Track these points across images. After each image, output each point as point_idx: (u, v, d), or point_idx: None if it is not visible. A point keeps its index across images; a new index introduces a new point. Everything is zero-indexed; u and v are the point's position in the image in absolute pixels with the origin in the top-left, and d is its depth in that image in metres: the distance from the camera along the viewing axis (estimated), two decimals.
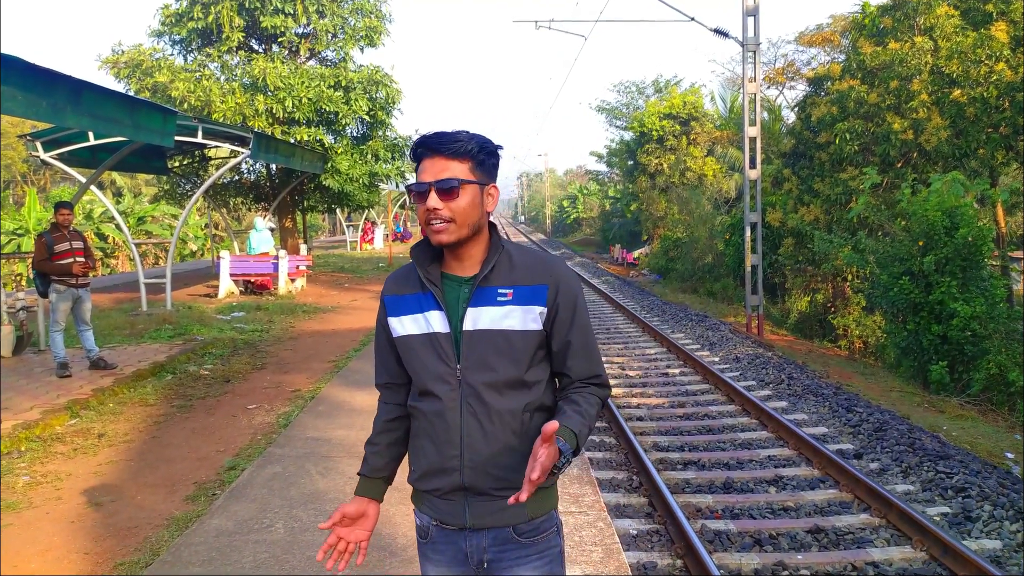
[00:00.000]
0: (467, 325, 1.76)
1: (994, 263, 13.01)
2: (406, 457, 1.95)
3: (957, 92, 13.39)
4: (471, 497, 1.78)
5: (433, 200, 1.71)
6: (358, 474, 1.95)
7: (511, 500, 1.61)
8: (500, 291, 1.77)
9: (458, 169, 1.73)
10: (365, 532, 1.87)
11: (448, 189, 1.72)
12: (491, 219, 1.85)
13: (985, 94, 12.95)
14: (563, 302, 1.80)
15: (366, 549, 1.86)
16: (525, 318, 1.77)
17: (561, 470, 1.67)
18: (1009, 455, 6.93)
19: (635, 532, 5.07)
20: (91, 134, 10.92)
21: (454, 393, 1.78)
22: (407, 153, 19.49)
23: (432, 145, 1.75)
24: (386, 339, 1.92)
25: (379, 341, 1.96)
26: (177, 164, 18.18)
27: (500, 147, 1.83)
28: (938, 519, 5.18)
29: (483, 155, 1.77)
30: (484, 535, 1.81)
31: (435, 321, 1.79)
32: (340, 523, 1.83)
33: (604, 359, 10.92)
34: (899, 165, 15.08)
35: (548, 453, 1.60)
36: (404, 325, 1.84)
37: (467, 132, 1.78)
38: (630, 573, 3.64)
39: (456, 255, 1.80)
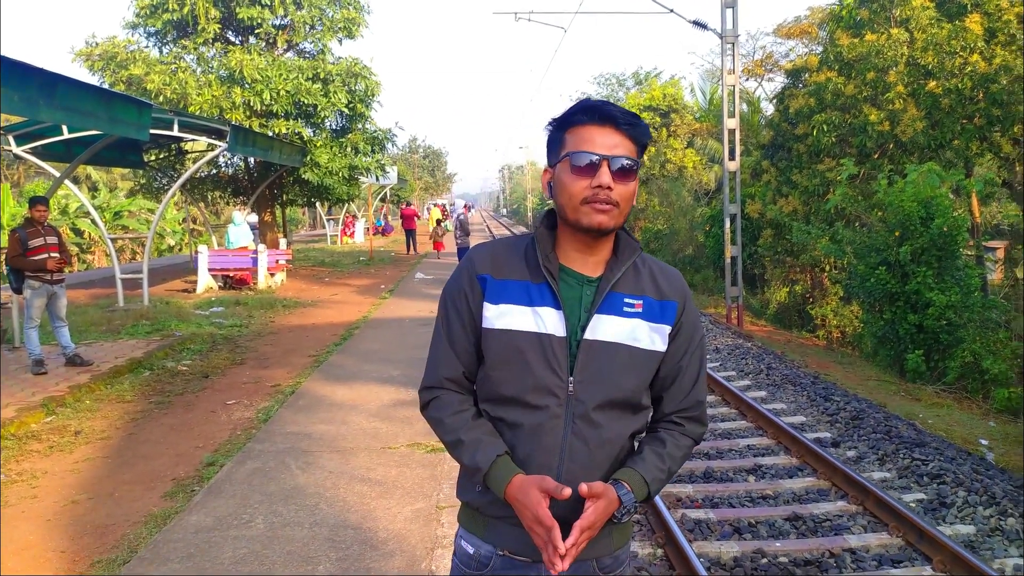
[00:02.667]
0: (588, 333, 1.52)
1: (969, 253, 13.18)
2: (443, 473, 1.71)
3: (932, 83, 13.53)
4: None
5: (606, 176, 1.46)
6: (491, 459, 1.52)
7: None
8: (627, 300, 1.55)
9: (630, 149, 1.50)
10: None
11: (624, 169, 1.48)
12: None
13: (960, 85, 13.10)
14: (687, 322, 1.61)
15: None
16: (652, 336, 1.56)
17: (620, 521, 1.50)
18: (983, 442, 7.04)
19: None
20: (65, 127, 10.77)
21: (559, 409, 1.51)
22: (387, 146, 19.39)
23: (609, 114, 1.49)
24: (468, 322, 1.59)
25: (454, 324, 1.61)
26: (153, 158, 17.94)
27: None
28: (914, 505, 5.26)
29: (647, 143, 1.55)
30: None
31: (550, 321, 1.51)
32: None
33: None
34: (876, 156, 15.22)
35: (595, 509, 1.43)
36: (506, 317, 1.54)
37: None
38: None
39: (590, 248, 1.55)
